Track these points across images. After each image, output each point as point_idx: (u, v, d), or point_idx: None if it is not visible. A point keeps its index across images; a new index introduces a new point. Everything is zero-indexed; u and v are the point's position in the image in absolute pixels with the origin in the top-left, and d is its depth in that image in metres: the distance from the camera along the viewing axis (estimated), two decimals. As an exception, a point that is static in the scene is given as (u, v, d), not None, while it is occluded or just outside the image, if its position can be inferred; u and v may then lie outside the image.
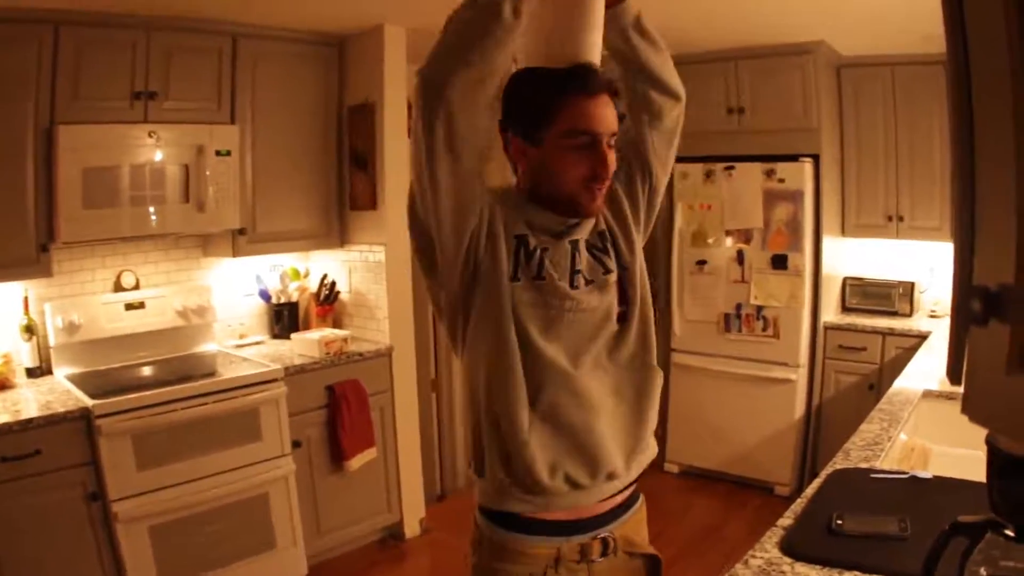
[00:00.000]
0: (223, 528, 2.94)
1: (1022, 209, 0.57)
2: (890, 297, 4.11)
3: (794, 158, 3.89)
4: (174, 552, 2.80)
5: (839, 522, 1.45)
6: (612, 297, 1.35)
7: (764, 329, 3.97)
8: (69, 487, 2.59)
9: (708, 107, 4.09)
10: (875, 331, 3.91)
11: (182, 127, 3.14)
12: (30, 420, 2.51)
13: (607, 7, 1.32)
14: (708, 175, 4.08)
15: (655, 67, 1.38)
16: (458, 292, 1.28)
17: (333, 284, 3.75)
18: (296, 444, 3.19)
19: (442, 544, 3.66)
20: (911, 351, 3.52)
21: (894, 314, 4.07)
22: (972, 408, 0.66)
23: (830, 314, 4.11)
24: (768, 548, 1.42)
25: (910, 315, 4.05)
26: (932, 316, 4.05)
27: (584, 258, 1.33)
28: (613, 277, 1.36)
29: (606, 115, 1.26)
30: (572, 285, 1.29)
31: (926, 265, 4.11)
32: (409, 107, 3.86)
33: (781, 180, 3.88)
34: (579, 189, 1.26)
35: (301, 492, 3.22)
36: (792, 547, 1.41)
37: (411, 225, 1.28)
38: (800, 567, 1.35)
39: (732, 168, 4.02)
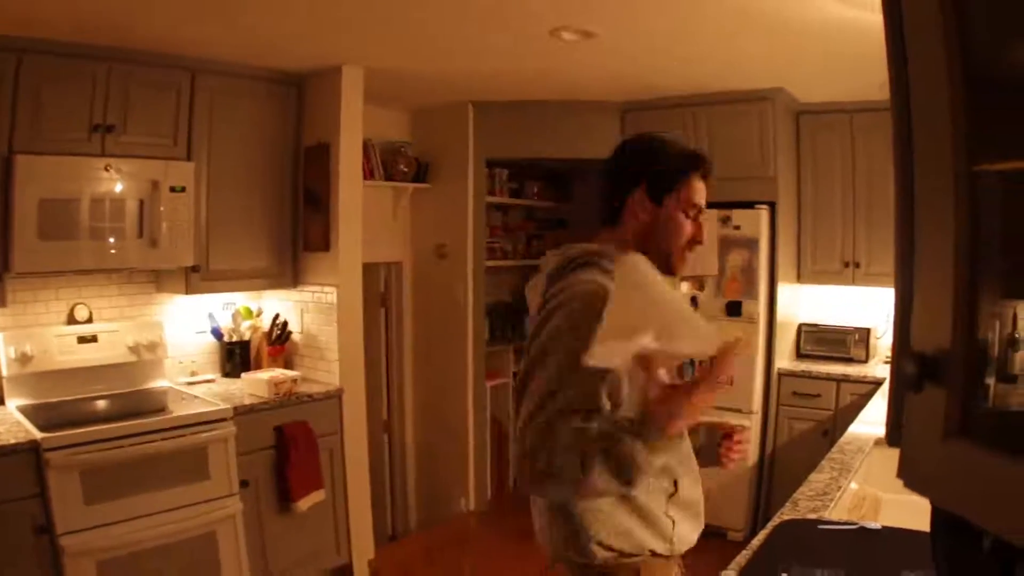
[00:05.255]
0: (170, 566, 2.90)
1: (959, 274, 0.57)
2: (845, 343, 4.12)
3: (750, 205, 3.91)
4: (122, 588, 2.74)
5: None
6: None
7: (717, 375, 3.96)
8: (17, 519, 2.55)
9: (665, 153, 4.11)
10: (829, 377, 3.91)
11: (138, 161, 3.12)
12: (-22, 450, 2.48)
13: None
14: (663, 221, 4.07)
15: None
16: None
17: (285, 324, 3.73)
18: (244, 484, 3.15)
19: (390, 586, 3.63)
20: (866, 397, 3.53)
21: (849, 360, 4.08)
22: (908, 473, 0.64)
23: (784, 361, 4.12)
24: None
25: (866, 361, 4.07)
26: (887, 362, 4.04)
27: None
28: None
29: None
30: None
31: (883, 311, 4.12)
32: (365, 150, 3.84)
33: (737, 227, 3.90)
34: (680, 250, 1.47)
35: (249, 532, 3.18)
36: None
37: None
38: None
39: (687, 215, 4.02)
